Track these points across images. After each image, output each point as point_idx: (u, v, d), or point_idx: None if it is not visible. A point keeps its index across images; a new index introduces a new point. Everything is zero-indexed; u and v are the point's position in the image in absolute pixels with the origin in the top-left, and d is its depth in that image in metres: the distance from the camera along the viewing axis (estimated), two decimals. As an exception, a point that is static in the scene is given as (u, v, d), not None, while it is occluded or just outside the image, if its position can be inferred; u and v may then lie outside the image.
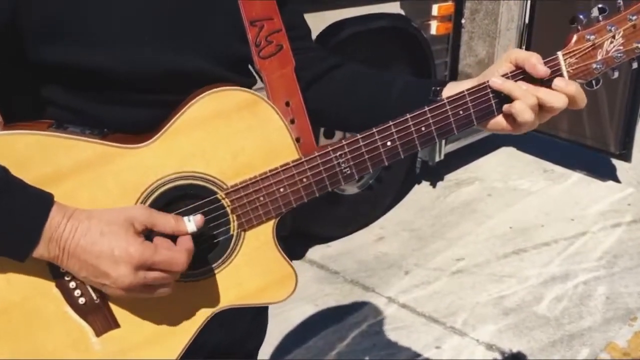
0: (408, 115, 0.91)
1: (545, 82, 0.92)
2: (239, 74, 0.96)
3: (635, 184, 4.18)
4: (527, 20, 4.18)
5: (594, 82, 0.98)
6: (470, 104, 0.92)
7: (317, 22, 2.90)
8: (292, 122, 0.96)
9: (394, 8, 3.36)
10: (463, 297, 3.00)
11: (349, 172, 0.92)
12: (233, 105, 0.87)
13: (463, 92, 0.92)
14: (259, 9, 0.96)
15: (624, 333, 2.75)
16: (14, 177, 0.78)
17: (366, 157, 0.92)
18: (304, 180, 0.91)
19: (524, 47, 4.16)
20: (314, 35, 3.21)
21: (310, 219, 3.27)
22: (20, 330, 0.85)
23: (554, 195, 4.08)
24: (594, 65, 0.95)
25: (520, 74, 0.93)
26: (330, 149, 0.91)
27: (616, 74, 0.98)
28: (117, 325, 0.88)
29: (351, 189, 3.52)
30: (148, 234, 0.83)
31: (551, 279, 3.15)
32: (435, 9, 3.56)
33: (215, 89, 0.87)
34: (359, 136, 0.91)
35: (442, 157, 3.89)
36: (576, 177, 4.31)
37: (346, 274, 3.20)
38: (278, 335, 2.66)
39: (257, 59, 0.96)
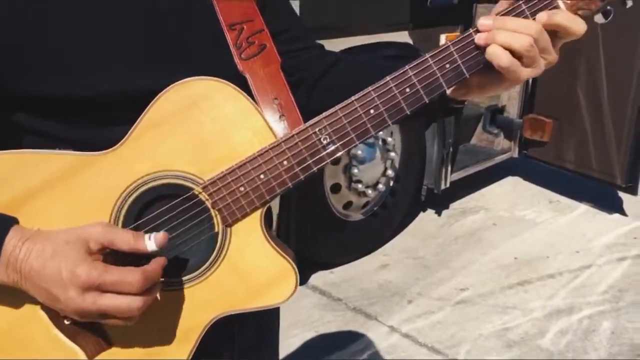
0: (388, 78, 0.84)
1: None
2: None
3: (641, 217, 4.16)
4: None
5: (602, 15, 0.86)
6: (456, 55, 0.84)
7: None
8: (281, 118, 0.91)
9: (403, 37, 3.39)
10: (466, 328, 2.96)
11: (332, 147, 0.85)
12: (197, 95, 0.83)
13: (447, 43, 0.84)
14: (237, 12, 0.93)
15: (629, 369, 2.72)
16: None
17: (349, 128, 0.85)
18: (285, 163, 0.84)
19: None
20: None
21: (313, 244, 3.26)
22: (12, 355, 0.83)
23: (560, 226, 4.06)
24: None
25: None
26: (308, 125, 0.85)
27: (630, 3, 0.85)
28: (108, 345, 0.85)
29: (356, 215, 3.51)
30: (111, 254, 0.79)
31: (556, 312, 3.11)
32: (443, 39, 3.59)
33: (176, 83, 0.82)
34: (337, 108, 0.85)
35: (448, 184, 3.89)
36: (582, 209, 4.29)
37: (349, 301, 3.17)
38: (278, 362, 2.64)
39: (239, 61, 0.92)
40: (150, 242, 0.79)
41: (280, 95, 0.93)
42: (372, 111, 0.85)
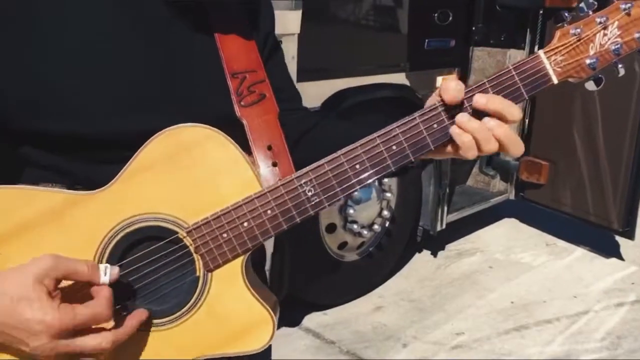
0: (375, 135, 0.86)
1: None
2: (226, 129, 0.93)
3: (639, 262, 4.12)
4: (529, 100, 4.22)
5: (594, 82, 0.89)
6: (444, 116, 0.85)
7: (323, 89, 2.95)
8: (274, 165, 0.94)
9: (400, 78, 3.41)
10: (462, 374, 2.90)
11: (316, 199, 0.86)
12: (188, 141, 0.85)
13: (435, 104, 0.86)
14: (241, 62, 0.96)
15: (628, 421, 2.64)
16: None
17: (334, 182, 0.86)
18: (269, 212, 0.85)
19: (527, 120, 4.17)
20: (318, 103, 3.24)
21: (307, 284, 3.21)
22: None
23: (557, 270, 4.02)
24: (587, 61, 0.86)
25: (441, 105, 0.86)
26: (294, 177, 0.86)
27: (622, 72, 0.88)
28: None
29: (350, 256, 3.47)
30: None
31: (553, 359, 3.05)
32: (439, 81, 3.62)
33: (168, 128, 0.84)
34: (323, 161, 0.86)
35: (444, 226, 3.86)
36: (579, 253, 4.25)
37: (342, 344, 3.11)
38: (268, 408, 2.56)
39: (238, 107, 0.94)
40: (106, 276, 0.80)
41: (274, 142, 0.95)
42: (357, 166, 0.86)
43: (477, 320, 3.37)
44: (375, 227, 3.52)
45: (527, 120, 4.19)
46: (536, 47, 4.10)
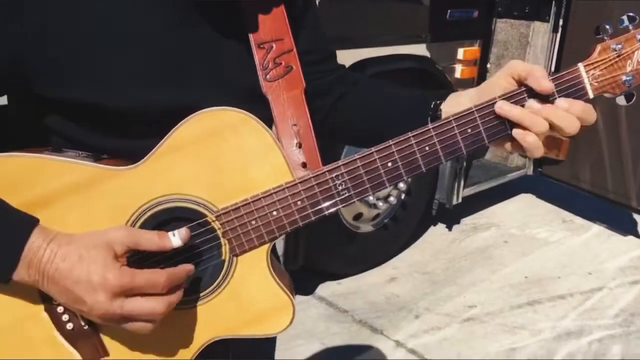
0: (410, 134, 0.85)
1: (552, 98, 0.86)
2: (250, 102, 0.91)
3: (656, 240, 4.10)
4: (553, 69, 4.16)
5: (625, 97, 0.89)
6: (479, 121, 0.86)
7: (342, 59, 2.92)
8: (299, 145, 0.93)
9: (421, 50, 3.37)
10: (473, 347, 2.92)
11: (346, 194, 0.86)
12: (222, 125, 0.84)
13: (471, 108, 0.86)
14: (268, 30, 0.93)
15: (638, 397, 2.66)
16: None
17: (365, 178, 0.86)
18: (299, 203, 0.86)
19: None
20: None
21: (322, 254, 3.24)
22: (10, 353, 0.85)
23: (572, 246, 4.00)
24: (623, 78, 0.87)
25: (527, 91, 0.86)
26: (326, 169, 0.86)
27: None
28: (106, 354, 0.86)
29: (365, 227, 3.49)
30: (134, 255, 0.82)
31: (565, 334, 3.06)
32: (460, 53, 3.57)
33: (202, 110, 0.84)
34: (356, 156, 0.86)
35: (460, 200, 3.85)
36: (596, 230, 4.23)
37: (355, 313, 3.14)
38: (281, 373, 2.62)
39: (264, 82, 0.93)
40: (175, 238, 0.81)
41: (299, 121, 0.94)
42: (389, 164, 0.86)
43: (490, 294, 3.38)
44: (391, 199, 3.52)
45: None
46: (560, 21, 4.02)
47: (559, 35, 4.06)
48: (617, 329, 3.12)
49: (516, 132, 0.86)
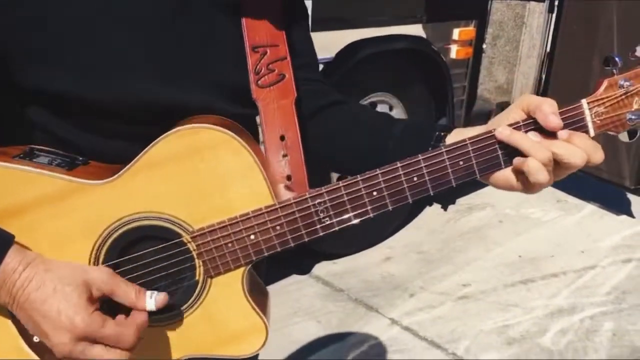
0: (399, 164, 0.81)
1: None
2: (239, 104, 0.90)
3: (649, 219, 4.14)
4: (548, 49, 4.16)
5: (628, 134, 0.83)
6: (472, 154, 0.81)
7: (337, 40, 2.93)
8: (285, 157, 0.90)
9: (416, 30, 3.37)
10: (467, 324, 2.97)
11: (328, 222, 0.83)
12: (202, 144, 0.81)
13: (465, 140, 0.81)
14: (263, 35, 0.90)
15: (628, 372, 2.72)
16: None
17: (348, 206, 0.83)
18: (277, 228, 0.83)
19: (544, 76, 4.14)
20: (332, 54, 3.20)
21: (318, 234, 3.27)
22: None
23: (566, 226, 4.05)
24: (628, 116, 0.81)
25: (533, 123, 0.81)
26: (308, 195, 0.83)
27: None
28: None
29: (361, 207, 3.51)
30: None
31: (557, 311, 3.11)
32: (456, 33, 3.57)
33: (182, 127, 0.81)
34: (340, 184, 0.82)
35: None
36: (589, 209, 4.27)
37: (351, 292, 3.19)
38: (279, 350, 2.66)
39: (255, 87, 0.90)
40: (151, 301, 0.80)
41: (287, 132, 0.90)
42: (374, 193, 0.82)
43: (484, 273, 3.43)
44: (387, 179, 3.54)
45: (543, 76, 4.15)
46: (556, 1, 4.02)
47: (554, 15, 4.06)
48: (609, 306, 3.17)
49: (516, 160, 0.81)
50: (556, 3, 4.03)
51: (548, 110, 0.78)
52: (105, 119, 0.84)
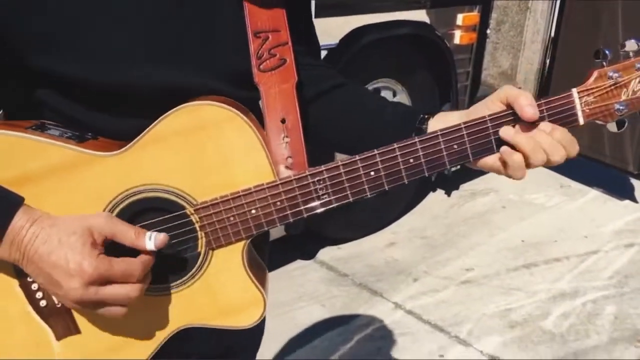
0: (395, 145, 0.85)
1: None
2: (242, 87, 0.92)
3: (652, 204, 4.15)
4: (552, 34, 4.16)
5: (616, 124, 0.88)
6: (466, 138, 0.85)
7: (341, 26, 2.93)
8: (285, 139, 0.92)
9: (420, 15, 3.37)
10: (470, 308, 3.00)
11: (326, 199, 0.87)
12: (208, 120, 0.84)
13: (459, 125, 0.86)
14: (265, 20, 0.93)
15: (629, 354, 2.74)
16: None
17: (346, 185, 0.86)
18: (278, 203, 0.86)
19: (548, 61, 4.14)
20: (336, 40, 3.21)
21: (322, 220, 3.30)
22: None
23: (569, 211, 4.06)
24: (616, 106, 0.86)
25: (512, 114, 0.86)
26: (308, 173, 0.86)
27: None
28: (77, 331, 0.88)
29: (365, 193, 3.53)
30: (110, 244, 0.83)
31: (560, 295, 3.14)
32: (460, 19, 3.57)
33: (189, 103, 0.83)
34: (339, 163, 0.86)
35: (459, 166, 3.88)
36: (593, 195, 4.28)
37: (355, 277, 3.22)
38: (283, 334, 2.70)
39: (256, 72, 0.92)
40: (150, 242, 0.82)
41: (288, 116, 0.93)
42: (372, 173, 0.86)
43: (487, 258, 3.45)
44: (391, 165, 3.56)
45: (547, 61, 4.14)
46: (560, -15, 4.00)
47: (558, 0, 4.04)
48: (611, 290, 3.20)
49: (504, 150, 0.86)
50: (560, -13, 4.02)
51: (525, 102, 0.83)
52: (112, 100, 0.86)
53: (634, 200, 4.20)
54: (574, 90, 0.86)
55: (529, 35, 4.15)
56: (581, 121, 0.87)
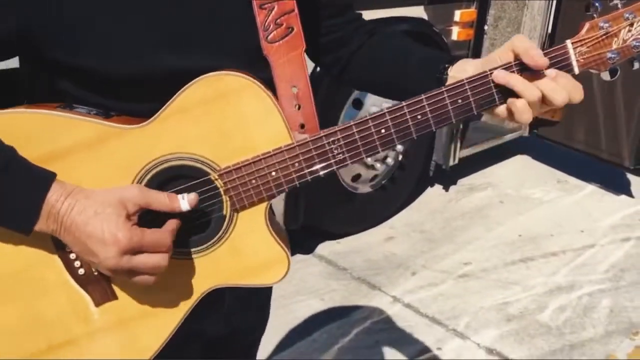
0: (404, 103, 0.91)
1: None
2: (253, 66, 0.94)
3: (649, 199, 4.18)
4: (549, 30, 4.18)
5: (609, 73, 0.93)
6: (469, 93, 0.91)
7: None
8: (297, 107, 0.97)
9: (418, 12, 3.40)
10: (467, 301, 3.04)
11: (341, 157, 0.92)
12: (226, 89, 0.88)
13: (462, 80, 0.91)
14: None
15: (624, 346, 2.78)
16: (19, 157, 0.84)
17: (359, 143, 0.92)
18: (296, 164, 0.91)
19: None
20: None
21: (321, 215, 3.33)
22: (24, 295, 0.92)
23: (566, 206, 4.10)
24: (608, 55, 0.91)
25: (516, 65, 0.90)
26: (323, 134, 0.92)
27: (637, 65, 0.93)
28: (114, 297, 0.93)
29: (364, 188, 3.57)
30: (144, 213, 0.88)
31: (556, 289, 3.17)
32: (457, 15, 3.59)
33: (208, 74, 0.88)
34: (352, 123, 0.91)
35: (457, 161, 3.92)
36: (590, 189, 4.32)
37: (354, 271, 3.25)
38: (283, 327, 2.73)
39: (265, 44, 0.95)
40: (184, 201, 0.88)
41: (299, 84, 0.97)
42: (383, 131, 0.91)
43: (484, 252, 3.49)
44: (389, 160, 3.59)
45: (545, 57, 4.16)
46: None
47: (555, -3, 4.07)
48: (607, 284, 3.23)
49: (509, 100, 0.90)
50: (559, -17, 4.05)
51: (534, 52, 0.88)
52: (128, 86, 0.90)
53: (630, 195, 4.23)
54: (568, 42, 0.91)
55: (526, 31, 4.18)
56: (576, 70, 0.92)
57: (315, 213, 3.24)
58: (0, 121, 0.86)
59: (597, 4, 0.91)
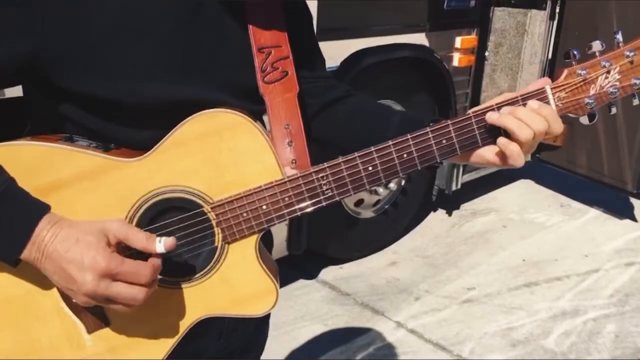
0: (390, 142, 0.95)
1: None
2: (248, 101, 1.00)
3: (652, 223, 4.18)
4: (550, 56, 4.23)
5: (588, 117, 0.97)
6: (453, 134, 0.95)
7: (341, 49, 3.00)
8: (290, 144, 1.01)
9: (419, 39, 3.44)
10: (471, 327, 3.02)
11: (330, 193, 0.96)
12: (221, 125, 0.93)
13: (447, 121, 0.95)
14: (268, 37, 1.01)
15: (631, 372, 2.75)
16: (16, 187, 0.86)
17: (347, 180, 0.95)
18: (286, 199, 0.95)
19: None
20: (337, 63, 3.27)
21: (324, 240, 3.33)
22: (20, 320, 0.94)
23: (570, 230, 4.09)
24: (586, 100, 0.95)
25: (497, 107, 0.95)
26: (312, 170, 0.95)
27: (614, 110, 0.97)
28: (107, 324, 0.95)
29: (366, 213, 3.57)
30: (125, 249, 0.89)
31: (561, 314, 3.15)
32: (458, 42, 3.64)
33: (205, 111, 0.92)
34: (340, 160, 0.95)
35: (459, 186, 3.93)
36: (593, 214, 4.31)
37: (357, 296, 3.24)
38: (286, 352, 2.71)
39: (262, 84, 1.01)
40: (160, 245, 0.88)
41: (292, 122, 1.02)
42: (370, 168, 0.95)
43: (488, 277, 3.47)
44: (391, 185, 3.60)
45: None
46: (557, 8, 4.08)
47: (555, 22, 4.12)
48: (612, 309, 3.22)
49: (501, 141, 0.94)
50: (557, 10, 4.09)
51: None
52: (129, 114, 0.93)
53: (633, 219, 4.22)
54: (547, 87, 0.94)
55: (527, 57, 4.22)
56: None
57: (318, 238, 3.24)
58: (2, 152, 0.89)
59: (575, 52, 0.94)
